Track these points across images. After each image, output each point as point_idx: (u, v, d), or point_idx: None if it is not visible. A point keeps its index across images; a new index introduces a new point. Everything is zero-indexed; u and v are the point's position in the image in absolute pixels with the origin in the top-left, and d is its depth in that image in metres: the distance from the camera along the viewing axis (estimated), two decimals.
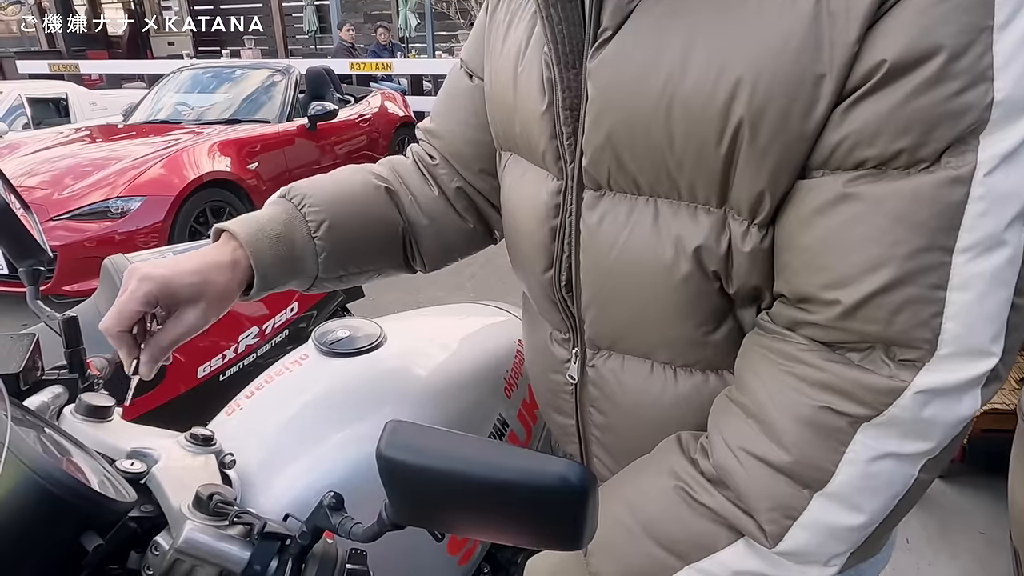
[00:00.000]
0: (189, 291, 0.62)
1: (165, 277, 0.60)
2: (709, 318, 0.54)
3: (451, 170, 0.79)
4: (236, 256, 0.65)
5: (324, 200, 0.71)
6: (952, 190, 0.41)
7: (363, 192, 0.74)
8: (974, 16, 0.39)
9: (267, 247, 0.66)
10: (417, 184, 0.79)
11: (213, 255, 0.65)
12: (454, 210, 0.79)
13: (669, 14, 0.48)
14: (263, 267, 0.66)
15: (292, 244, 0.68)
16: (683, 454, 0.54)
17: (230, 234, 0.67)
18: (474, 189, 0.79)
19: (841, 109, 0.43)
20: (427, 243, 0.78)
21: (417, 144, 0.84)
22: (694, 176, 0.49)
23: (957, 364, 0.43)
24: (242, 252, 0.65)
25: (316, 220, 0.70)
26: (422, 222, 0.77)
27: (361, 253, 0.74)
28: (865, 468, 0.45)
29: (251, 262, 0.65)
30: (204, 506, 0.56)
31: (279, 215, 0.69)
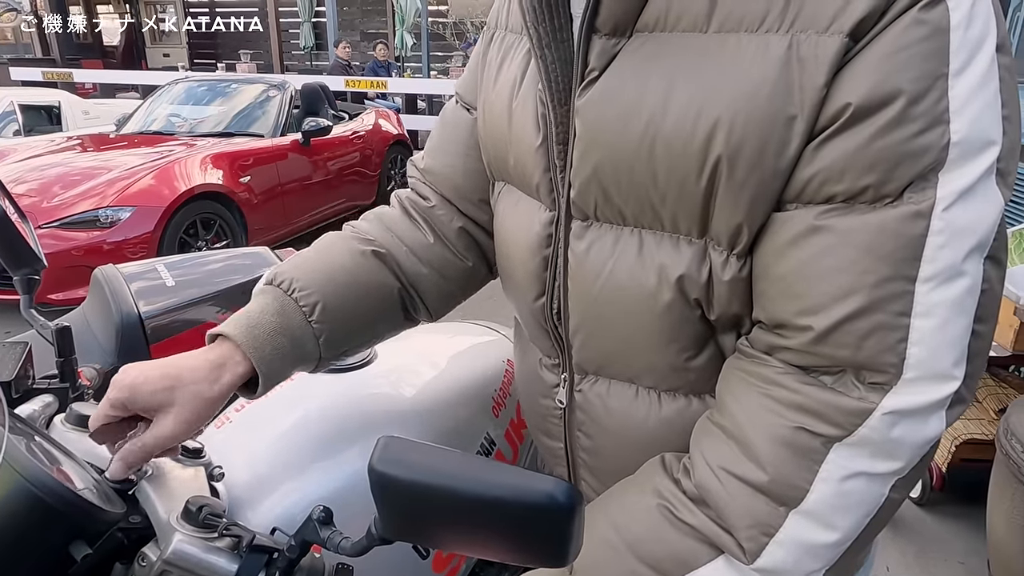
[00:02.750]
0: (155, 399, 0.59)
1: (133, 386, 0.59)
2: (691, 344, 0.56)
3: (450, 209, 0.77)
4: (222, 357, 0.62)
5: (314, 281, 0.68)
6: (914, 224, 0.43)
7: (351, 263, 0.72)
8: (931, 64, 0.42)
9: (265, 342, 0.64)
10: (410, 234, 0.76)
11: (196, 360, 0.62)
12: (452, 252, 0.77)
13: (652, 57, 0.50)
14: (265, 364, 0.64)
15: (290, 333, 0.66)
16: (666, 474, 0.55)
17: (223, 337, 0.64)
18: (475, 224, 0.78)
19: (812, 147, 0.45)
20: (429, 292, 0.76)
21: (405, 190, 0.81)
22: (676, 209, 0.51)
23: (922, 387, 0.45)
24: (237, 353, 0.63)
25: (309, 304, 0.67)
26: (422, 272, 0.75)
27: (360, 325, 0.72)
28: (838, 487, 0.47)
29: (253, 362, 0.63)
30: (193, 518, 0.56)
31: (270, 305, 0.66)
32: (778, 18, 0.45)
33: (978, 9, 0.43)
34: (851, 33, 0.43)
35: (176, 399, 0.60)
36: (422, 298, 0.77)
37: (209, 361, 0.62)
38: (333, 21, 10.43)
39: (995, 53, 0.43)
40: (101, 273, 1.45)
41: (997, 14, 0.44)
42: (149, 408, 0.60)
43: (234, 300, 1.56)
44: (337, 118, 5.73)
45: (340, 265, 0.72)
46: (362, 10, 13.89)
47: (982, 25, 0.43)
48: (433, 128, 0.82)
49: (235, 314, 0.67)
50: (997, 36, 0.44)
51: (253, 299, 0.69)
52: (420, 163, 0.81)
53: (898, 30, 0.42)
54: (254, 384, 0.65)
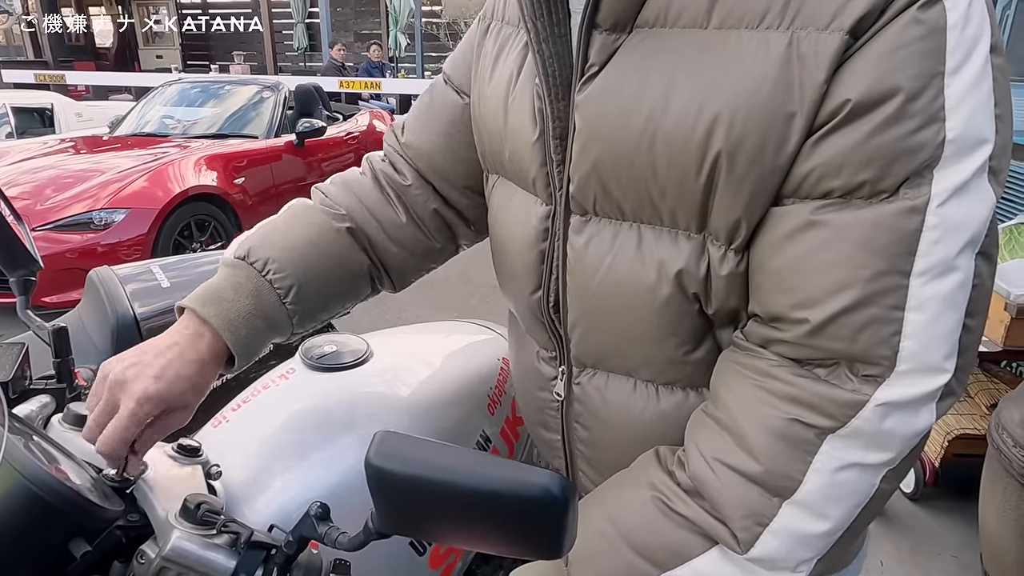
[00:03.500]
0: (182, 402, 0.62)
1: (163, 397, 0.59)
2: (689, 338, 0.57)
3: (426, 189, 0.77)
4: (215, 348, 0.64)
5: (288, 262, 0.68)
6: (909, 219, 0.44)
7: (324, 241, 0.72)
8: (928, 62, 0.43)
9: (240, 325, 0.65)
10: (382, 210, 0.76)
11: (198, 356, 0.63)
12: (423, 233, 0.78)
13: (652, 53, 0.51)
14: (241, 346, 0.65)
15: (265, 315, 0.67)
16: (661, 467, 0.56)
17: (200, 320, 0.64)
18: (450, 208, 0.78)
19: (810, 143, 0.46)
20: (395, 268, 0.78)
21: (378, 159, 0.80)
22: (675, 204, 0.52)
23: (914, 379, 0.46)
24: (219, 341, 0.64)
25: (283, 287, 0.68)
26: (391, 250, 0.76)
27: (331, 302, 0.74)
28: (831, 477, 0.48)
29: (230, 346, 0.64)
30: (191, 515, 0.57)
31: (244, 285, 0.66)
32: (779, 15, 0.45)
33: (973, 10, 0.43)
34: (851, 31, 0.43)
35: (195, 398, 0.63)
36: (388, 272, 0.78)
37: (208, 356, 0.64)
38: (327, 22, 10.42)
39: (989, 53, 0.44)
40: (96, 275, 1.45)
41: (991, 16, 0.45)
42: (172, 410, 0.62)
43: None
44: (331, 119, 5.72)
45: (313, 243, 0.71)
46: (356, 11, 13.87)
47: (977, 25, 0.43)
48: (417, 102, 0.81)
49: (206, 290, 0.66)
50: (991, 37, 0.45)
51: (222, 271, 0.69)
52: (401, 136, 0.79)
53: (897, 28, 0.43)
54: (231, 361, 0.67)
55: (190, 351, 0.63)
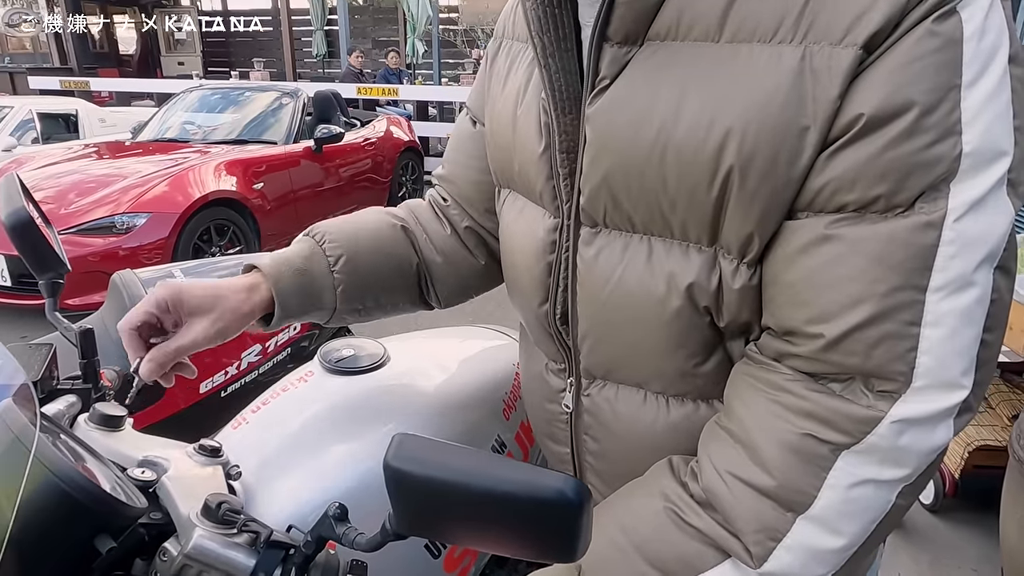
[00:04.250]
0: (197, 302, 0.67)
1: (179, 287, 0.66)
2: (700, 350, 0.57)
3: (461, 211, 0.84)
4: (255, 281, 0.71)
5: (343, 237, 0.77)
6: (925, 234, 0.44)
7: (379, 229, 0.80)
8: (943, 75, 0.42)
9: (287, 277, 0.72)
10: (431, 223, 0.84)
11: (235, 281, 0.71)
12: (466, 248, 0.83)
13: (663, 66, 0.51)
14: (283, 296, 0.71)
15: (312, 276, 0.73)
16: (674, 477, 0.56)
17: (253, 267, 0.73)
18: (483, 228, 0.83)
19: (824, 157, 0.46)
20: (441, 280, 0.83)
21: (433, 188, 0.90)
22: (686, 217, 0.52)
23: (931, 396, 0.45)
24: (263, 280, 0.70)
25: (334, 255, 0.75)
26: (436, 260, 0.82)
27: (377, 287, 0.79)
28: (845, 493, 0.47)
29: (272, 291, 0.70)
30: (212, 514, 0.58)
31: (302, 250, 0.75)
32: (791, 29, 0.45)
33: (991, 21, 0.43)
34: (865, 45, 0.43)
35: (216, 306, 0.67)
36: (434, 284, 0.83)
37: (243, 283, 0.71)
38: (345, 29, 10.53)
39: (1008, 64, 0.43)
40: (119, 278, 1.48)
41: (1010, 25, 0.44)
42: (191, 310, 0.67)
43: None
44: (349, 125, 5.77)
45: (369, 229, 0.80)
46: (374, 18, 14.00)
47: (995, 36, 0.43)
48: (450, 139, 0.88)
49: (271, 253, 0.76)
50: (1010, 47, 0.44)
51: (292, 245, 0.78)
52: (438, 170, 0.88)
53: (911, 41, 0.42)
54: (269, 318, 0.73)
55: (238, 281, 0.70)
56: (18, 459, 0.47)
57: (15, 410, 0.51)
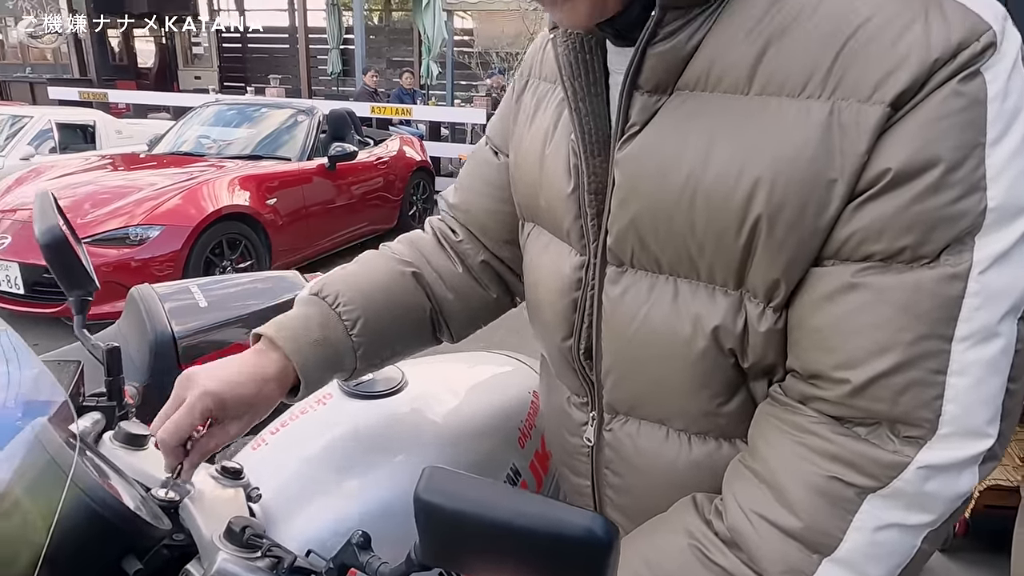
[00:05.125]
0: (241, 408, 0.66)
1: (222, 396, 0.64)
2: (723, 390, 0.57)
3: (475, 244, 0.83)
4: (282, 367, 0.69)
5: (356, 296, 0.74)
6: (951, 285, 0.45)
7: (391, 281, 0.78)
8: (969, 134, 0.44)
9: (310, 353, 0.70)
10: (441, 261, 0.82)
11: (263, 369, 0.68)
12: (478, 283, 0.83)
13: (692, 115, 0.52)
14: (308, 373, 0.70)
15: (332, 345, 0.72)
16: (698, 515, 0.56)
17: (271, 343, 0.69)
18: (498, 260, 0.83)
19: (851, 208, 0.47)
20: (454, 316, 0.82)
21: (436, 219, 0.87)
22: (713, 260, 0.53)
23: (956, 443, 0.46)
24: (286, 362, 0.69)
25: (351, 318, 0.73)
26: (448, 297, 0.81)
27: (395, 341, 0.78)
28: (871, 536, 0.48)
29: (297, 372, 0.69)
30: (236, 538, 0.59)
31: (315, 317, 0.72)
32: (819, 85, 0.47)
33: (1013, 82, 0.44)
34: (892, 103, 0.44)
35: (255, 406, 0.67)
36: (447, 321, 0.82)
37: (272, 373, 0.69)
38: (361, 48, 10.68)
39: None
40: (137, 292, 1.49)
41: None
42: (231, 415, 0.66)
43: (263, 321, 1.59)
44: (363, 143, 5.84)
45: (380, 283, 0.78)
46: (389, 38, 14.20)
47: (1017, 97, 0.44)
48: (463, 167, 0.87)
49: (280, 320, 0.73)
50: None
51: (297, 306, 0.75)
52: (450, 199, 0.86)
53: (937, 100, 0.44)
54: (294, 388, 0.72)
55: (255, 366, 0.68)
56: (54, 479, 0.48)
57: (51, 430, 0.52)
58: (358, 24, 10.87)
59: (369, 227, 5.67)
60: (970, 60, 0.43)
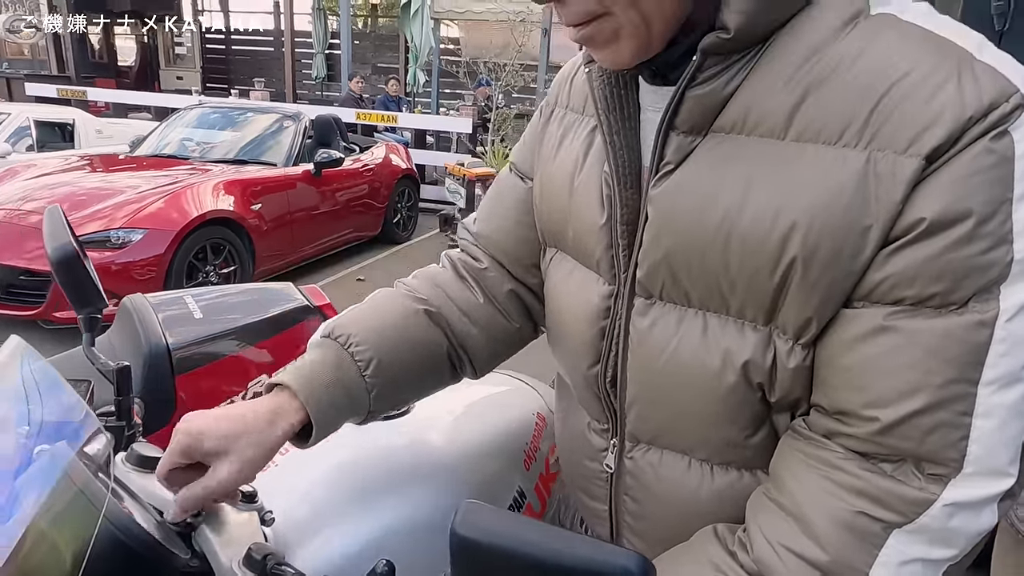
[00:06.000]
0: (218, 445, 0.62)
1: (198, 431, 0.62)
2: (750, 423, 0.58)
3: (501, 272, 0.81)
4: (282, 407, 0.66)
5: (370, 337, 0.72)
6: (978, 332, 0.47)
7: (405, 321, 0.76)
8: (998, 189, 0.46)
9: (322, 395, 0.68)
10: (461, 294, 0.80)
11: (253, 408, 0.66)
12: (501, 314, 0.81)
13: (729, 158, 0.54)
14: (321, 414, 0.67)
15: (345, 387, 0.70)
16: (722, 546, 0.57)
17: (284, 388, 0.67)
18: (525, 288, 0.82)
19: (884, 253, 0.49)
20: (476, 351, 0.80)
21: (455, 252, 0.86)
22: (745, 298, 0.55)
23: (980, 482, 0.48)
24: (294, 403, 0.67)
25: (364, 359, 0.71)
26: (472, 332, 0.79)
27: (410, 381, 0.76)
28: (896, 571, 0.49)
29: (309, 414, 0.67)
30: (256, 565, 0.58)
31: (328, 359, 0.70)
32: (856, 135, 0.49)
33: None
34: (928, 156, 0.47)
35: (235, 446, 0.63)
36: (470, 357, 0.80)
37: (269, 410, 0.66)
38: (347, 53, 10.64)
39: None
40: (130, 302, 1.47)
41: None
42: (210, 454, 0.62)
43: (258, 333, 1.58)
44: (349, 150, 5.82)
45: (394, 323, 0.75)
46: (375, 44, 14.18)
47: None
48: (486, 195, 0.86)
49: (292, 364, 0.71)
50: None
51: (310, 350, 0.73)
52: (472, 227, 0.85)
53: (970, 156, 0.46)
54: (305, 433, 0.69)
55: (262, 407, 0.66)
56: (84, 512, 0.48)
57: (79, 461, 0.51)
58: (344, 29, 10.84)
59: (354, 234, 5.65)
60: (1000, 120, 0.46)
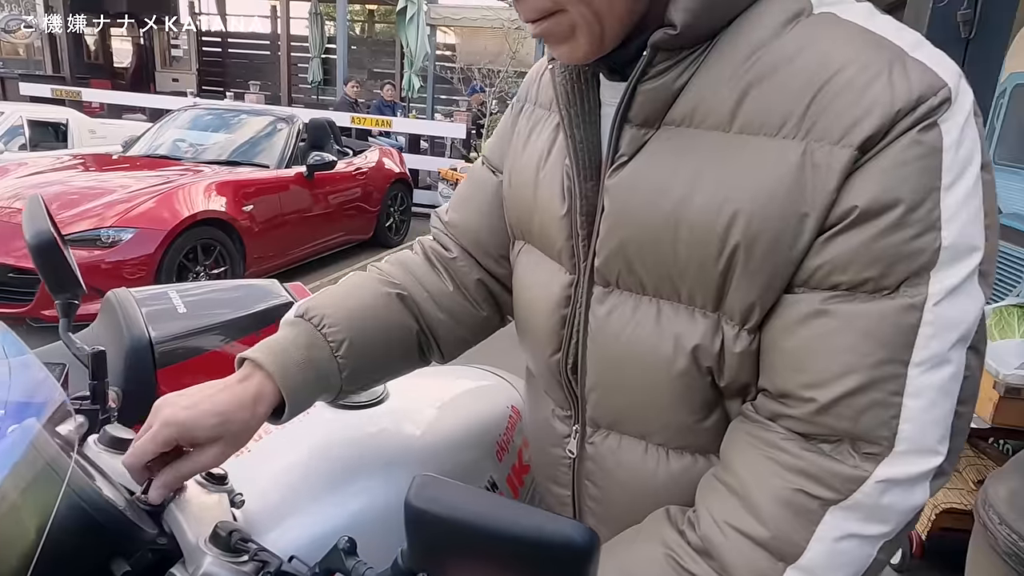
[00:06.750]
0: (209, 433, 0.63)
1: (186, 424, 0.62)
2: (701, 407, 0.61)
3: (470, 261, 0.83)
4: (261, 390, 0.67)
5: (342, 318, 0.74)
6: (909, 315, 0.49)
7: (376, 303, 0.78)
8: (926, 178, 0.48)
9: (294, 374, 0.69)
10: (431, 280, 0.82)
11: (238, 394, 0.66)
12: (469, 302, 0.83)
13: (679, 150, 0.57)
14: (294, 394, 0.69)
15: (317, 367, 0.71)
16: (672, 526, 0.59)
17: (255, 364, 0.68)
18: (492, 278, 0.84)
19: (821, 240, 0.51)
20: (444, 336, 0.82)
21: (427, 239, 0.88)
22: (694, 285, 0.57)
23: (910, 460, 0.50)
24: (269, 384, 0.68)
25: (336, 340, 0.72)
26: (439, 317, 0.81)
27: (381, 362, 0.78)
28: (832, 546, 0.51)
29: (282, 393, 0.68)
30: (222, 542, 0.60)
31: (300, 339, 0.71)
32: (794, 128, 0.51)
33: (965, 134, 0.49)
34: (860, 147, 0.49)
35: (225, 433, 0.65)
36: (438, 341, 0.82)
37: (250, 395, 0.67)
38: (343, 58, 10.68)
39: (980, 172, 0.50)
40: (114, 296, 1.48)
41: (982, 139, 0.51)
42: (199, 442, 0.64)
43: (242, 330, 1.59)
44: (342, 154, 5.84)
45: (366, 304, 0.77)
46: (371, 50, 14.25)
47: (969, 148, 0.49)
48: (458, 187, 0.89)
49: (265, 343, 0.72)
50: (982, 157, 0.50)
51: (282, 329, 0.74)
52: (444, 216, 0.87)
53: (900, 147, 0.48)
54: (279, 410, 0.70)
55: (235, 390, 0.66)
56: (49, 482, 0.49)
57: (45, 433, 0.53)
58: (341, 34, 10.88)
59: (345, 237, 5.66)
60: (928, 112, 0.48)
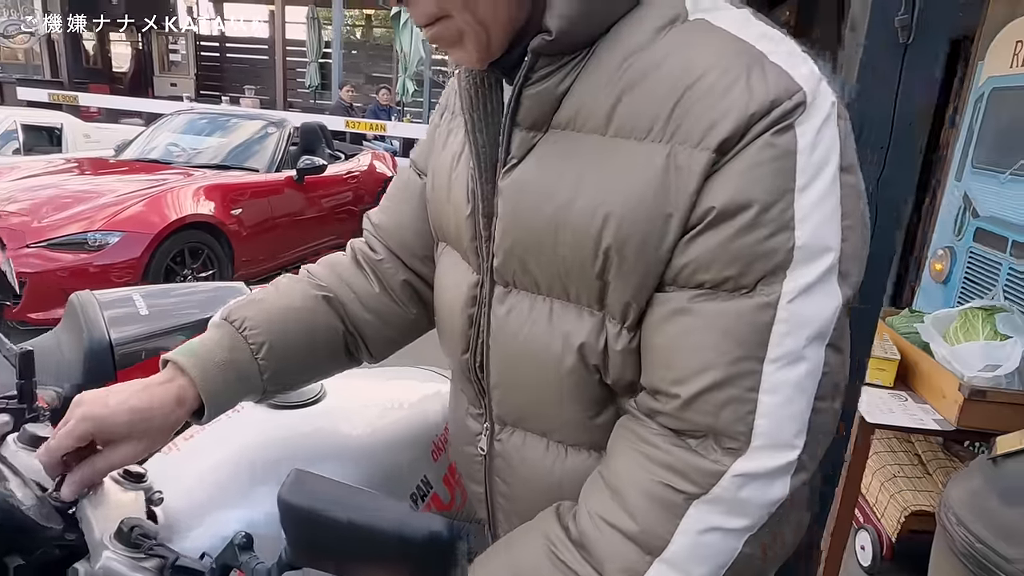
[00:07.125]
0: (125, 430, 0.64)
1: (103, 420, 0.63)
2: (592, 404, 0.62)
3: (396, 263, 0.84)
4: (182, 392, 0.68)
5: (264, 321, 0.75)
6: (763, 312, 0.51)
7: (303, 304, 0.79)
8: (780, 180, 0.50)
9: (215, 376, 0.70)
10: (358, 282, 0.83)
11: (159, 394, 0.67)
12: (396, 303, 0.84)
13: (564, 153, 0.58)
14: (213, 395, 0.70)
15: (238, 368, 0.72)
16: (558, 520, 0.60)
17: (176, 366, 0.70)
18: (418, 278, 0.85)
19: (684, 240, 0.53)
20: (372, 336, 0.83)
21: (358, 240, 0.89)
22: (579, 285, 0.59)
23: (768, 454, 0.52)
24: (189, 385, 0.69)
25: (257, 342, 0.74)
26: (366, 318, 0.82)
27: (304, 364, 0.79)
28: (696, 539, 0.53)
29: (200, 391, 0.69)
30: (124, 537, 0.61)
31: (223, 340, 0.73)
32: (660, 131, 0.53)
33: (822, 137, 0.51)
34: (716, 149, 0.51)
35: (141, 431, 0.66)
36: (365, 342, 0.84)
37: (171, 395, 0.68)
38: (339, 63, 10.72)
39: (838, 173, 0.51)
40: (77, 298, 1.50)
41: (843, 141, 0.52)
42: (113, 439, 0.65)
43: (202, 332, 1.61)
44: (334, 157, 5.86)
45: (291, 307, 0.79)
46: (367, 54, 14.29)
47: (825, 151, 0.51)
48: (388, 188, 0.90)
49: (189, 344, 0.73)
50: (843, 160, 0.52)
51: (208, 331, 0.76)
52: (373, 218, 0.88)
53: (754, 150, 0.50)
54: (201, 411, 0.72)
55: (156, 390, 0.68)
56: None
57: None
58: (337, 39, 10.93)
59: (335, 240, 5.67)
60: (782, 116, 0.49)
